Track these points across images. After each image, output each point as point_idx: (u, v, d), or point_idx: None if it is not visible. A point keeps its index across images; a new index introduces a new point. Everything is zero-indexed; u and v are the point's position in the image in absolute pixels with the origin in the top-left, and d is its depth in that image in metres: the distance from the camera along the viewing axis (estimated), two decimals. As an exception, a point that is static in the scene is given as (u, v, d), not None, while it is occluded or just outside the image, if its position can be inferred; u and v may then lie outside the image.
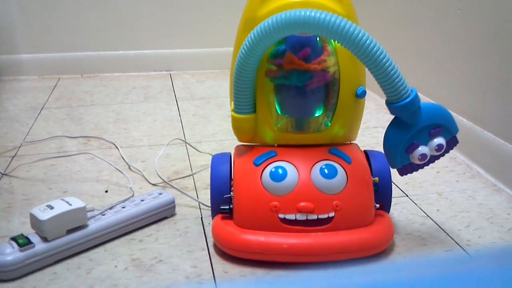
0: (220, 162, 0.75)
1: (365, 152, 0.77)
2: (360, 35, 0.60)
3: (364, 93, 0.71)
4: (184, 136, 1.17)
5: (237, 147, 0.77)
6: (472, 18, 0.99)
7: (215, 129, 1.22)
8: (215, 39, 1.78)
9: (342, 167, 0.70)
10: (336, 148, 0.72)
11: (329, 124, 0.72)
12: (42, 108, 1.36)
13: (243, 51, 0.65)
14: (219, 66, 1.78)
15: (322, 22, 0.59)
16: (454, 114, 0.66)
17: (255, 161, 0.71)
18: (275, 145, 0.74)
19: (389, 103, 0.65)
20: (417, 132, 0.66)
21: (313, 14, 0.60)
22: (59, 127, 1.22)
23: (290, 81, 0.68)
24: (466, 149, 0.99)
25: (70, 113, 1.33)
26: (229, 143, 1.12)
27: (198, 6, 1.73)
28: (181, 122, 1.27)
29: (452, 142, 0.69)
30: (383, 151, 0.70)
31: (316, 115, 0.72)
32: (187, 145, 1.11)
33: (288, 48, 0.68)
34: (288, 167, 0.69)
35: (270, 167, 0.69)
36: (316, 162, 0.70)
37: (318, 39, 0.69)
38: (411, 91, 0.64)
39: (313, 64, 0.68)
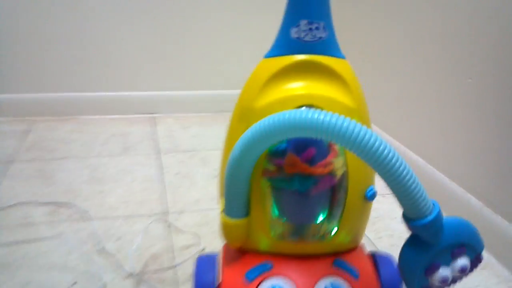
0: (204, 270, 0.65)
1: (373, 256, 0.67)
2: (377, 144, 0.50)
3: (374, 195, 0.62)
4: (167, 202, 1.07)
5: (226, 249, 0.67)
6: (483, 87, 0.91)
7: (199, 193, 1.12)
8: (202, 81, 1.68)
9: (349, 283, 0.60)
10: (341, 259, 0.62)
11: (334, 231, 0.62)
12: (13, 161, 1.25)
13: (238, 149, 0.55)
14: (205, 109, 1.69)
15: (333, 128, 0.50)
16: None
17: (247, 275, 0.60)
18: (271, 252, 0.63)
19: (407, 219, 0.56)
20: (439, 251, 0.57)
21: (321, 117, 0.50)
22: (28, 189, 1.10)
23: (291, 186, 0.59)
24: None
25: (42, 168, 1.21)
26: (214, 214, 1.02)
27: (184, 46, 1.64)
28: (164, 183, 1.16)
29: (476, 260, 0.59)
30: (398, 264, 0.60)
31: (319, 220, 0.62)
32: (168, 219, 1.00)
33: (290, 147, 0.58)
34: (287, 285, 0.59)
35: (266, 285, 0.59)
36: (319, 279, 0.60)
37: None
38: (433, 205, 0.55)
39: (318, 167, 0.58)
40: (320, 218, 0.62)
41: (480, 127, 0.93)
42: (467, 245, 0.58)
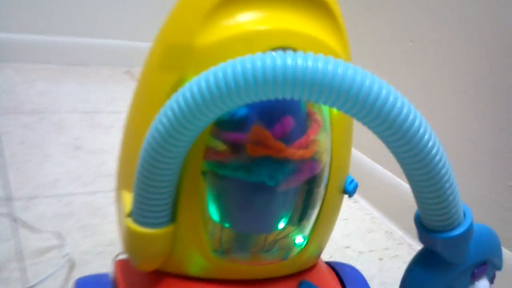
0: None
1: (333, 270, 0.48)
2: (410, 118, 0.30)
3: (356, 188, 0.43)
4: (9, 184, 0.76)
5: (123, 267, 0.43)
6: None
7: (56, 170, 0.83)
8: (54, 22, 1.34)
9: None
10: (308, 281, 0.42)
11: (300, 242, 0.41)
12: None
13: (166, 119, 0.31)
14: (56, 59, 1.36)
15: (347, 88, 0.28)
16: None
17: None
18: (208, 279, 0.41)
19: (425, 230, 0.37)
20: (459, 273, 0.39)
21: (330, 68, 0.28)
22: None
23: (255, 177, 0.36)
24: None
25: None
26: (81, 200, 0.75)
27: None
28: (3, 156, 0.84)
29: (492, 279, 0.44)
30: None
31: (280, 227, 0.40)
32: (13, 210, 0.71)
33: (254, 115, 0.36)
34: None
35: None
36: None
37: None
38: (465, 213, 0.37)
39: (298, 149, 0.36)
40: (282, 224, 0.40)
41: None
42: (489, 262, 0.42)
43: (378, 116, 0.29)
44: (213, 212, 0.38)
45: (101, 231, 0.67)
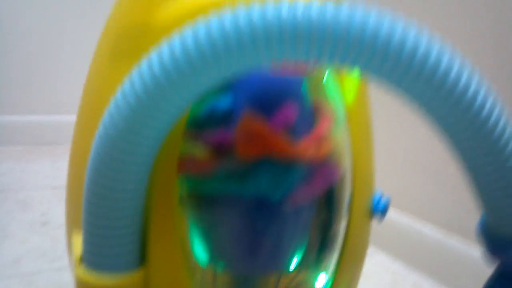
0: None
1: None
2: (472, 89, 0.21)
3: (388, 206, 0.32)
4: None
5: None
6: None
7: (18, 249, 0.71)
8: (17, 102, 1.27)
9: None
10: None
11: (322, 283, 0.31)
12: None
13: (128, 100, 0.22)
14: (25, 140, 1.27)
15: (384, 45, 0.19)
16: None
17: None
18: None
19: (501, 241, 0.27)
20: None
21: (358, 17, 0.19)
22: None
23: (255, 189, 0.26)
24: None
25: None
26: (46, 278, 0.63)
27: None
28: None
29: None
30: None
31: (294, 265, 0.30)
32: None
33: (244, 103, 0.26)
34: None
35: None
36: None
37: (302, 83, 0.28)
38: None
39: (306, 145, 0.26)
40: (295, 260, 0.30)
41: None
42: None
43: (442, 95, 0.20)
44: (199, 251, 0.28)
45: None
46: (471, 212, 0.59)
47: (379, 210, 0.31)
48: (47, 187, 0.99)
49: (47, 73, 1.31)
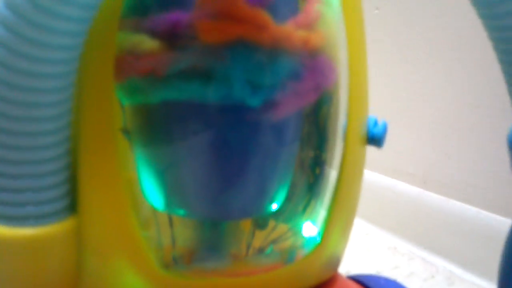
0: None
1: (363, 285, 0.29)
2: None
3: (386, 131, 0.26)
4: None
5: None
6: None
7: None
8: None
9: None
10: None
11: (319, 237, 0.24)
12: None
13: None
14: None
15: None
16: None
17: None
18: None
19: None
20: None
21: None
22: None
23: (225, 88, 0.18)
24: None
25: None
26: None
27: None
28: None
29: None
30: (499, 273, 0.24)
31: (273, 207, 0.22)
32: None
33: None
34: None
35: None
36: None
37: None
38: None
39: (292, 28, 0.19)
40: (277, 204, 0.22)
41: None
42: None
43: None
44: (150, 190, 0.20)
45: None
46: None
47: (376, 136, 0.24)
48: None
49: None
